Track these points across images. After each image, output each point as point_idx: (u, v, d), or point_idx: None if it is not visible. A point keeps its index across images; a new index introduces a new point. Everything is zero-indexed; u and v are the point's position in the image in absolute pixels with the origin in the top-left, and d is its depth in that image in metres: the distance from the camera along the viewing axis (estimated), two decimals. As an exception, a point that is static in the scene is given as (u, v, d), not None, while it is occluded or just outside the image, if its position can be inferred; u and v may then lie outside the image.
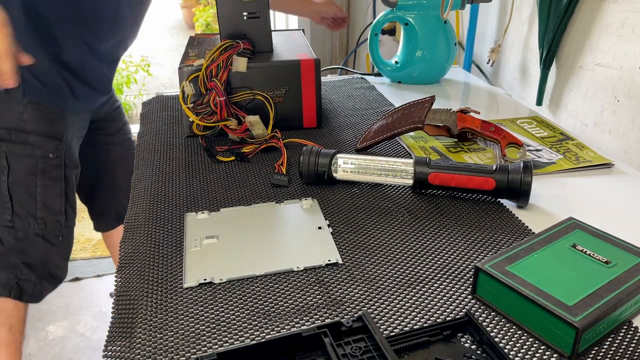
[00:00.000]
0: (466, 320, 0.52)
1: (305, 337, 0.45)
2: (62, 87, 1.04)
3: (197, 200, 0.77)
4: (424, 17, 1.20)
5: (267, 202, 0.76)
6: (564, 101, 1.18)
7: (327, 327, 0.46)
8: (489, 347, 0.49)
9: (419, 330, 0.50)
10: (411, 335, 0.49)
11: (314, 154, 0.79)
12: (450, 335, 0.51)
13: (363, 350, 0.45)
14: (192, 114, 0.92)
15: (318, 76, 0.97)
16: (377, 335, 0.45)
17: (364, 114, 1.09)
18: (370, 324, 0.46)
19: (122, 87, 3.62)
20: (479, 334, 0.50)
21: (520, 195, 0.71)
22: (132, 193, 0.81)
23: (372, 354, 0.44)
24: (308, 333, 0.45)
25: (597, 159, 0.86)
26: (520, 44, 1.33)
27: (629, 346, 0.50)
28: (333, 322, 0.46)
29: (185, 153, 0.93)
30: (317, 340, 0.45)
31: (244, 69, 0.93)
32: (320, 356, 0.45)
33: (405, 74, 1.26)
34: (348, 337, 0.46)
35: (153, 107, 1.16)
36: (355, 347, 0.45)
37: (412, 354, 0.48)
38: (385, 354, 0.43)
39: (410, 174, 0.76)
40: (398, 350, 0.48)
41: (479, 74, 1.51)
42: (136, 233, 0.70)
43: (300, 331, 0.45)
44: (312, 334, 0.45)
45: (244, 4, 0.97)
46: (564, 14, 1.11)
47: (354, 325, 0.47)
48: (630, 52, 0.97)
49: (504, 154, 0.85)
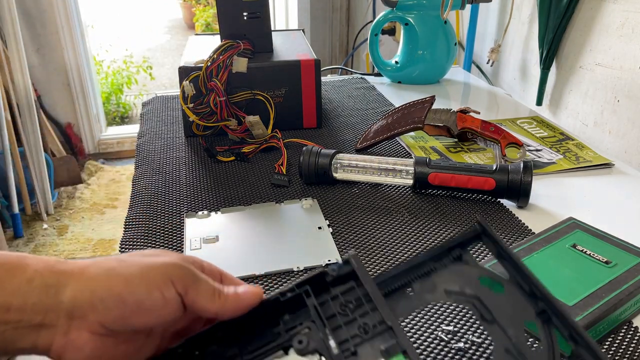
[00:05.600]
0: (480, 231, 0.42)
1: (285, 301, 0.38)
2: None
3: (197, 200, 0.77)
4: (424, 17, 1.20)
5: (267, 202, 0.76)
6: (564, 101, 1.18)
7: (308, 284, 0.38)
8: (510, 263, 0.40)
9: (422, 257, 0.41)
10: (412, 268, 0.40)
11: (314, 154, 0.79)
12: (459, 257, 0.41)
13: (354, 305, 0.38)
14: (192, 114, 0.92)
15: (318, 76, 0.97)
16: (367, 286, 0.38)
17: (364, 114, 1.09)
18: (359, 271, 0.38)
19: (123, 87, 3.62)
20: (495, 247, 0.41)
21: (520, 195, 0.71)
22: (132, 193, 0.81)
23: (366, 308, 0.37)
24: (286, 297, 0.38)
25: (597, 159, 0.86)
26: (520, 44, 1.33)
27: (629, 346, 0.50)
28: (315, 275, 0.39)
29: (185, 153, 0.93)
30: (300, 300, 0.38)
31: (244, 69, 0.93)
32: (307, 318, 0.38)
33: (405, 74, 1.26)
34: (336, 287, 0.39)
35: (153, 107, 1.16)
36: (344, 302, 0.38)
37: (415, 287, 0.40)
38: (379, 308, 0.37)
39: (410, 174, 0.76)
40: (398, 288, 0.40)
41: (479, 74, 1.51)
42: (136, 233, 0.70)
43: (278, 295, 0.38)
44: (292, 295, 0.38)
45: (244, 4, 0.97)
46: (564, 14, 1.11)
47: (342, 272, 0.39)
48: (630, 52, 0.97)
49: (504, 154, 0.85)
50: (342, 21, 2.74)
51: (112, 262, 0.36)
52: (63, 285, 0.34)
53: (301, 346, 0.36)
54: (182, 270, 0.36)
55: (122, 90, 3.60)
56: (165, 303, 0.35)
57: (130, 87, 3.68)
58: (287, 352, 0.37)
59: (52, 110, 2.77)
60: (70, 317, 0.34)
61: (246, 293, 0.38)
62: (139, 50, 5.00)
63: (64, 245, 2.28)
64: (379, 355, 0.35)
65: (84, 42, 2.77)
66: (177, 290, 0.35)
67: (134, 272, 0.35)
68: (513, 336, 0.37)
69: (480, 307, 0.39)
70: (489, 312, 0.39)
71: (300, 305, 0.38)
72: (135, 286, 0.34)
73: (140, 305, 0.34)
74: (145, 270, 0.35)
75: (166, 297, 0.35)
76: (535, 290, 0.38)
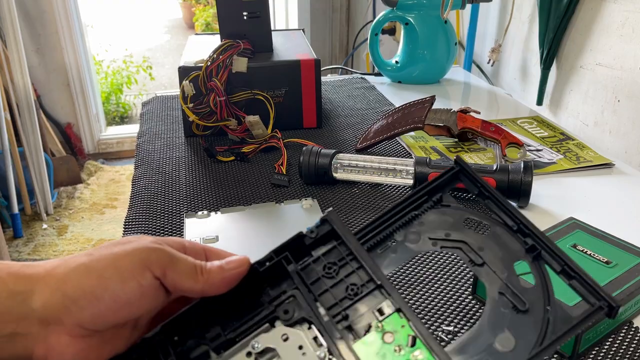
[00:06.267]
0: (457, 170, 0.40)
1: (265, 271, 0.35)
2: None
3: (197, 200, 0.77)
4: (424, 16, 1.20)
5: (267, 202, 0.76)
6: (564, 101, 1.18)
7: (287, 249, 0.36)
8: (492, 201, 0.38)
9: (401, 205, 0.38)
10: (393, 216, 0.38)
11: (314, 154, 0.78)
12: (440, 200, 0.40)
13: (339, 265, 0.35)
14: (192, 113, 0.92)
15: (318, 76, 0.97)
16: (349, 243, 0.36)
17: (364, 114, 1.09)
18: (339, 228, 0.36)
19: (122, 87, 3.62)
20: (476, 186, 0.39)
21: (521, 195, 0.71)
22: (132, 193, 0.81)
23: (351, 268, 0.35)
24: (265, 267, 0.35)
25: (597, 159, 0.86)
26: (521, 44, 1.33)
27: (629, 346, 0.50)
28: (293, 239, 0.36)
29: (185, 153, 0.93)
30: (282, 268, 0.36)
31: (244, 69, 0.92)
32: (290, 286, 0.35)
33: (406, 73, 1.26)
34: (317, 249, 0.36)
35: (153, 107, 1.16)
36: (328, 265, 0.35)
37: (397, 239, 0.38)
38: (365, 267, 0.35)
39: (410, 174, 0.76)
40: (380, 241, 0.38)
41: (479, 73, 1.51)
42: (136, 233, 0.70)
43: (256, 265, 0.36)
44: (271, 264, 0.36)
45: (244, 3, 0.97)
46: (565, 13, 1.11)
47: (320, 233, 0.37)
48: (630, 52, 0.97)
49: (505, 154, 0.84)
50: (342, 21, 2.74)
51: (81, 257, 0.33)
52: (31, 291, 0.32)
53: (287, 316, 0.34)
54: (156, 253, 0.34)
55: (121, 90, 3.60)
56: (142, 292, 0.32)
57: (130, 87, 3.68)
58: (274, 325, 0.34)
59: (52, 110, 2.77)
60: (44, 324, 0.32)
61: (230, 262, 0.35)
62: (139, 50, 5.00)
63: (64, 246, 2.28)
64: (372, 317, 0.33)
65: (84, 42, 2.77)
66: (155, 275, 0.33)
67: (106, 265, 0.32)
68: (504, 277, 0.36)
69: (468, 250, 0.37)
70: (477, 256, 0.37)
71: (282, 275, 0.36)
72: (107, 280, 0.32)
73: (116, 299, 0.32)
74: (117, 260, 0.33)
75: (143, 285, 0.32)
76: (522, 226, 0.37)
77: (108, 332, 0.33)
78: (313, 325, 0.34)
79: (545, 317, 0.33)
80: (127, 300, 0.32)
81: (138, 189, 0.82)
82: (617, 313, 0.32)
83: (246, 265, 0.35)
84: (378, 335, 0.33)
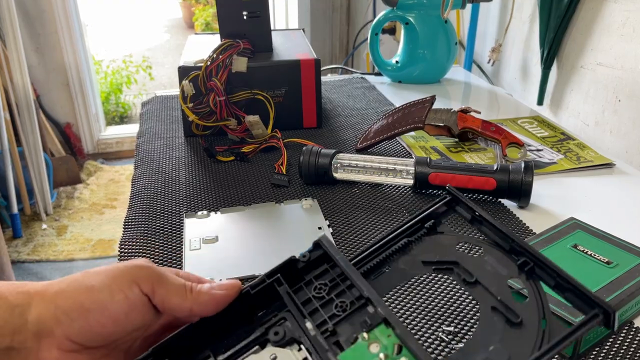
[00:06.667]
0: (449, 199, 0.41)
1: (258, 294, 0.36)
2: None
3: (196, 200, 0.77)
4: (425, 16, 1.20)
5: (267, 202, 0.76)
6: (565, 101, 1.18)
7: (279, 272, 0.37)
8: (487, 226, 0.39)
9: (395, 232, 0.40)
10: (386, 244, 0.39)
11: (314, 154, 0.78)
12: (434, 227, 0.41)
13: (329, 286, 0.36)
14: (191, 113, 0.92)
15: (318, 76, 0.97)
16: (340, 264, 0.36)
17: (364, 113, 1.09)
18: (330, 251, 0.37)
19: (122, 86, 3.62)
20: (469, 212, 0.40)
21: (521, 195, 0.71)
22: (132, 193, 0.81)
23: (341, 287, 0.36)
24: (257, 289, 0.36)
25: (598, 159, 0.86)
26: (521, 44, 1.33)
27: (630, 347, 0.50)
28: (285, 263, 0.37)
29: (185, 153, 0.93)
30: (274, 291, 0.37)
31: (244, 68, 0.92)
32: (282, 308, 0.36)
33: (406, 73, 1.26)
34: (310, 273, 0.37)
35: (152, 106, 1.16)
36: (318, 286, 0.36)
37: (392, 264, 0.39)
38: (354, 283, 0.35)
39: (410, 173, 0.75)
40: (374, 267, 0.39)
41: (479, 73, 1.51)
42: (135, 233, 0.70)
43: (249, 288, 0.36)
44: (263, 287, 0.36)
45: (243, 3, 0.97)
46: (565, 13, 1.11)
47: (312, 257, 0.37)
48: (631, 52, 0.97)
49: (505, 154, 0.84)
50: (342, 20, 2.74)
51: (77, 275, 0.35)
52: (28, 304, 0.33)
53: (278, 337, 0.35)
54: (145, 270, 0.35)
55: (121, 89, 3.60)
56: (129, 305, 0.34)
57: (130, 86, 3.67)
58: (264, 347, 0.35)
59: (51, 110, 2.77)
60: (38, 337, 0.33)
61: (222, 285, 0.36)
62: (139, 49, 5.00)
63: (63, 246, 2.28)
64: (359, 329, 0.33)
65: (83, 41, 2.76)
66: (143, 291, 0.34)
67: (98, 279, 0.34)
68: (498, 293, 0.36)
69: (461, 271, 0.38)
70: (469, 275, 0.37)
71: (273, 297, 0.37)
72: (97, 292, 0.33)
73: (104, 311, 0.33)
74: (107, 275, 0.34)
75: (130, 299, 0.34)
76: (514, 245, 0.37)
77: (98, 352, 0.34)
78: (302, 346, 0.34)
79: (540, 330, 0.33)
80: (115, 313, 0.33)
81: (138, 189, 0.82)
82: (615, 321, 0.32)
83: (237, 288, 0.36)
84: (363, 345, 0.33)
